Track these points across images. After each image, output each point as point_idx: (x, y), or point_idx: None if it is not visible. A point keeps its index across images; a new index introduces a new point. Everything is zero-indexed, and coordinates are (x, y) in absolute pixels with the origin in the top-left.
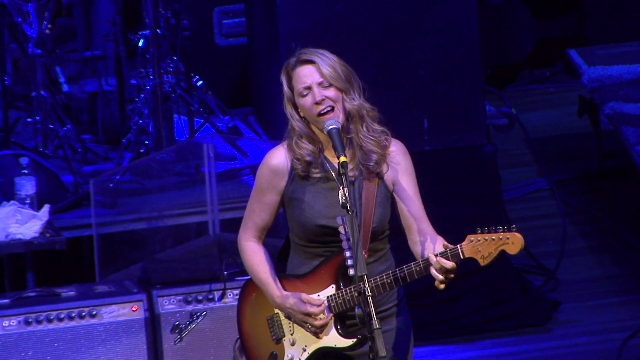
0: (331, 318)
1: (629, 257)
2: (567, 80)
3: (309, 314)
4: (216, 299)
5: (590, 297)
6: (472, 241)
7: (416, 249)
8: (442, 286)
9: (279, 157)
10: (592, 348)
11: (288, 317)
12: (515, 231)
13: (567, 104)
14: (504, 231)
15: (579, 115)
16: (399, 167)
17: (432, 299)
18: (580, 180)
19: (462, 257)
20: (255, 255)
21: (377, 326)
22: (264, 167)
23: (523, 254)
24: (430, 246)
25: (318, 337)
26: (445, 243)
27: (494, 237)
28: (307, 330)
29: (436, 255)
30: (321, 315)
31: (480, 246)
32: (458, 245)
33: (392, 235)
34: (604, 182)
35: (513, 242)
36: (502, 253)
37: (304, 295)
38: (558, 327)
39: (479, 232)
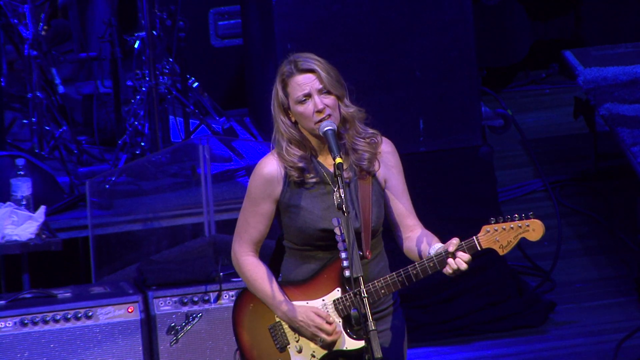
0: (340, 322)
1: (625, 258)
2: (563, 82)
3: (321, 329)
4: (212, 300)
5: (586, 298)
6: (488, 232)
7: (407, 244)
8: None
9: (271, 165)
10: (588, 349)
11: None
12: (533, 217)
13: (563, 105)
14: (521, 219)
15: (575, 116)
16: (390, 165)
17: (428, 300)
18: (576, 182)
19: (479, 248)
20: (257, 270)
21: (373, 327)
22: (257, 177)
23: (519, 255)
24: (425, 245)
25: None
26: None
27: (512, 226)
28: (316, 344)
29: (454, 251)
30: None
31: (499, 236)
32: (474, 237)
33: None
34: (600, 183)
35: (534, 228)
36: (522, 241)
37: (314, 310)
38: (554, 328)
39: (494, 222)
